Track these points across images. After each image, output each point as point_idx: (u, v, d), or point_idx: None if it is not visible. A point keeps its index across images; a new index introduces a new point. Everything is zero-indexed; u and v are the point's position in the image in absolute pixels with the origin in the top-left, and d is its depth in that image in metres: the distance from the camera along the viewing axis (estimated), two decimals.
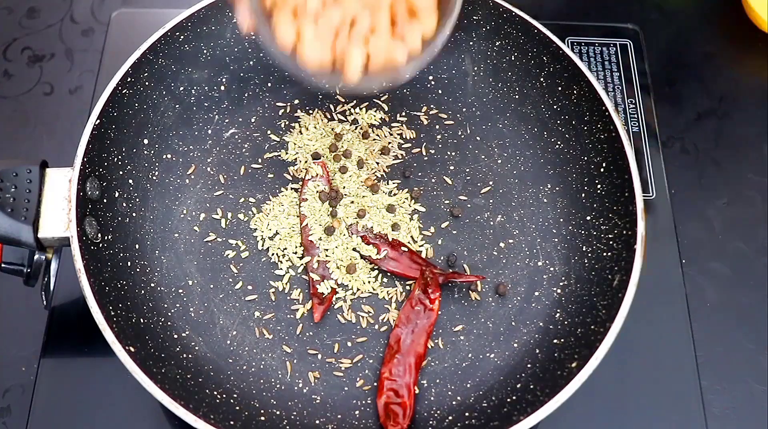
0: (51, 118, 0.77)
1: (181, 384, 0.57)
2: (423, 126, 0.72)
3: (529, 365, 0.60)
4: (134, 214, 0.65)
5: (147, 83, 0.66)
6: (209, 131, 0.71)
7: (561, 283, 0.64)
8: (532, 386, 0.58)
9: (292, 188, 0.68)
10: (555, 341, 0.61)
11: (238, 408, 0.58)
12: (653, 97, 0.79)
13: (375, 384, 0.60)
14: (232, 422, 0.55)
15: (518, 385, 0.59)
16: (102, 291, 0.57)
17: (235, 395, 0.59)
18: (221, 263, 0.65)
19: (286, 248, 0.65)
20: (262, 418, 0.58)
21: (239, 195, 0.68)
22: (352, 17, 0.53)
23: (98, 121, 0.61)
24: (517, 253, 0.66)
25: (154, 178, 0.67)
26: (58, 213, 0.59)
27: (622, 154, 0.62)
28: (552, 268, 0.65)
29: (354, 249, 0.65)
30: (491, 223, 0.68)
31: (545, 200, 0.68)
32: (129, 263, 0.62)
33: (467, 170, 0.70)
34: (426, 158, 0.71)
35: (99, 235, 0.60)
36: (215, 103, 0.71)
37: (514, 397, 0.58)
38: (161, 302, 0.63)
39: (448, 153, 0.71)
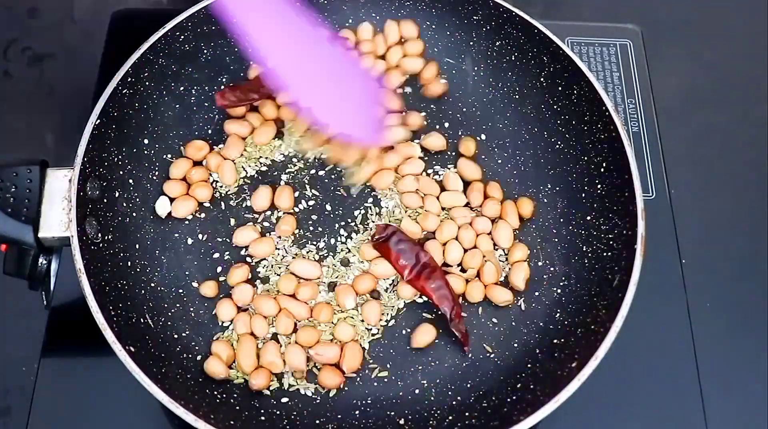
0: (51, 118, 0.77)
1: (181, 384, 0.57)
2: (423, 126, 0.72)
3: (529, 365, 0.60)
4: (134, 214, 0.65)
5: (147, 83, 0.66)
6: (209, 131, 0.71)
7: (561, 283, 0.64)
8: (532, 386, 0.58)
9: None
10: (555, 341, 0.61)
11: (238, 408, 0.58)
12: (653, 96, 0.79)
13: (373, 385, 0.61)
14: (232, 422, 0.55)
15: (518, 385, 0.59)
16: (102, 291, 0.57)
17: (235, 395, 0.59)
18: (222, 263, 0.65)
19: None
20: (262, 418, 0.58)
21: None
22: None
23: (98, 121, 0.61)
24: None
25: (154, 178, 0.67)
26: (58, 213, 0.59)
27: (622, 154, 0.62)
28: (552, 268, 0.65)
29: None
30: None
31: (545, 200, 0.68)
32: (129, 263, 0.62)
33: None
34: (426, 158, 0.71)
35: (99, 235, 0.60)
36: (215, 103, 0.71)
37: (514, 397, 0.58)
38: (161, 302, 0.63)
39: (449, 153, 0.71)
